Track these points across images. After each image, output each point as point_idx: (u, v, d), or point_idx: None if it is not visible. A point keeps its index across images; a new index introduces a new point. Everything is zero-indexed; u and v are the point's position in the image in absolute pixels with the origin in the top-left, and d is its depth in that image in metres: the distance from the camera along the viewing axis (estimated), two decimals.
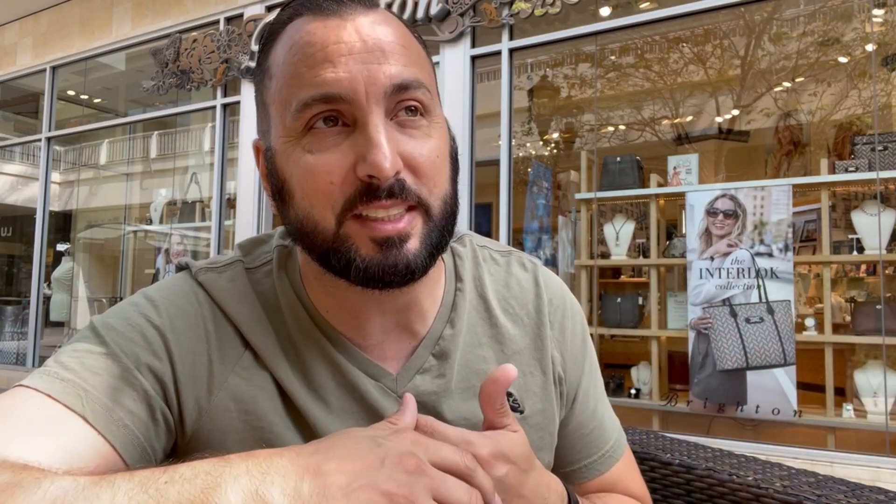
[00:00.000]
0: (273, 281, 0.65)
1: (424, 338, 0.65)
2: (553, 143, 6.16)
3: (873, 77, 3.99)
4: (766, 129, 5.47)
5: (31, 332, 6.46)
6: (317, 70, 0.54)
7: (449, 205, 0.59)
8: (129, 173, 7.66)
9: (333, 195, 0.55)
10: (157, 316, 0.61)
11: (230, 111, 5.40)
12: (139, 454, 0.56)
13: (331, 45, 0.55)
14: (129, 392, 0.57)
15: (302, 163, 0.56)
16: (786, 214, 3.38)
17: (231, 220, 5.38)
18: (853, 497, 0.81)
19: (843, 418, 3.37)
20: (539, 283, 0.73)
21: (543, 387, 0.69)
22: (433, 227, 0.58)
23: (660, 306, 4.00)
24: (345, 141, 0.55)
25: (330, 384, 0.62)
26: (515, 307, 0.71)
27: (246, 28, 5.12)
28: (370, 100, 0.54)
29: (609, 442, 0.76)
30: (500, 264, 0.74)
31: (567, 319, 0.74)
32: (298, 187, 0.56)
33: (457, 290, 0.69)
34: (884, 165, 3.39)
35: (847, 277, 4.46)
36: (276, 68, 0.58)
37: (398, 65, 0.56)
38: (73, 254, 7.52)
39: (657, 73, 5.71)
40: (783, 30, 4.92)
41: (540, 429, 0.68)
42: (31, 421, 0.52)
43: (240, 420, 0.60)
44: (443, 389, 0.64)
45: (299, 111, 0.55)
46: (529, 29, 4.12)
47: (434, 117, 0.59)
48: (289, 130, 0.56)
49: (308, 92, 0.54)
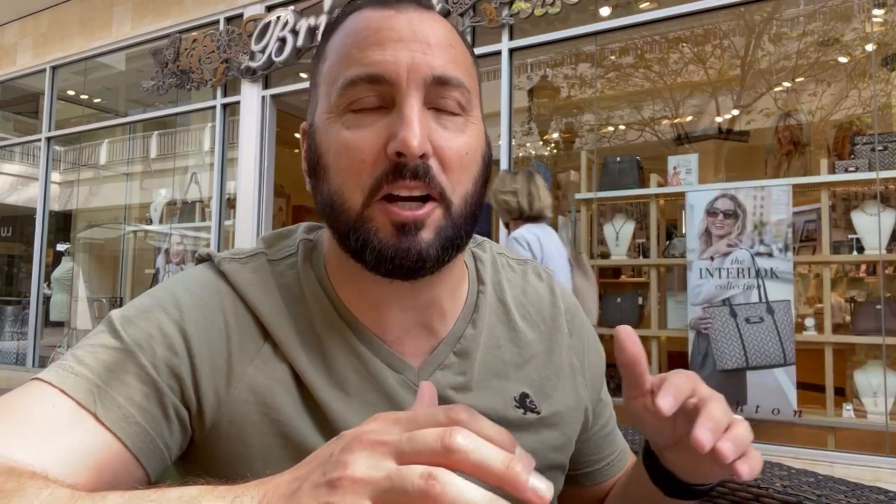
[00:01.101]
0: (297, 273, 0.65)
1: (446, 336, 0.66)
2: (553, 143, 6.16)
3: (873, 77, 3.99)
4: (766, 129, 5.47)
5: (31, 332, 6.46)
6: (366, 52, 0.58)
7: (470, 205, 0.60)
8: (129, 173, 7.65)
9: (363, 174, 0.57)
10: (177, 310, 0.61)
11: (230, 111, 5.40)
12: (151, 452, 0.56)
13: (383, 31, 0.58)
14: (142, 389, 0.56)
15: (339, 138, 0.58)
16: (786, 214, 3.38)
17: (231, 220, 5.39)
18: (853, 497, 0.81)
19: (843, 418, 3.37)
20: (555, 293, 0.75)
21: (559, 390, 0.70)
22: (450, 223, 0.58)
23: (660, 306, 4.01)
24: (381, 120, 0.57)
25: (351, 375, 0.62)
26: (532, 313, 0.72)
27: (246, 28, 5.12)
28: (410, 84, 0.57)
29: (623, 443, 0.82)
30: (516, 272, 0.76)
31: (584, 329, 0.76)
32: (334, 162, 0.58)
33: (479, 292, 0.70)
34: (884, 165, 3.39)
35: (847, 277, 4.46)
36: (330, 51, 0.62)
37: (442, 60, 0.58)
38: (73, 254, 7.52)
39: (657, 73, 5.71)
40: (783, 30, 4.92)
41: (556, 429, 0.69)
42: (47, 420, 0.52)
43: (258, 412, 0.60)
44: (462, 387, 0.65)
45: (344, 88, 0.58)
46: (529, 29, 4.12)
47: (471, 116, 0.61)
48: (332, 107, 0.59)
49: (355, 70, 0.57)
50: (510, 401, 0.66)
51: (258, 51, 4.99)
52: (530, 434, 0.66)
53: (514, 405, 0.66)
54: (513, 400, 0.66)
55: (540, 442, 0.66)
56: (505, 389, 0.66)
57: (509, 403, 0.66)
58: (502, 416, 0.64)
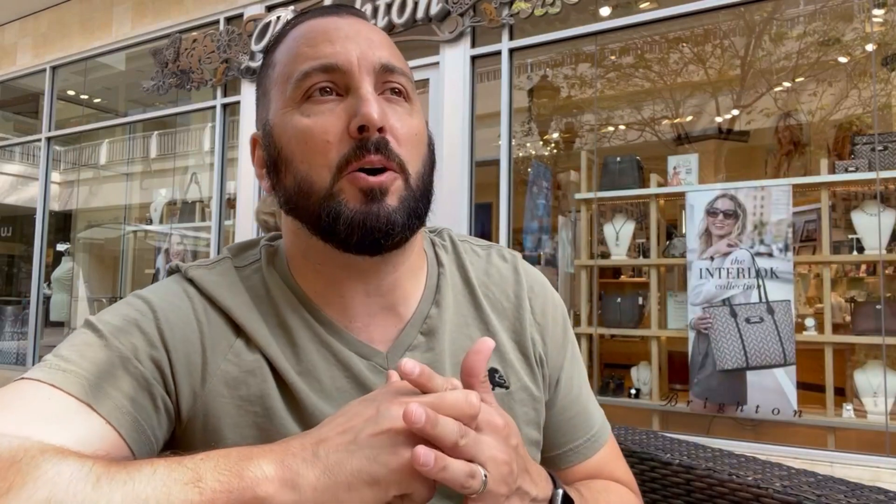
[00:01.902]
0: (262, 276, 0.69)
1: (411, 318, 0.68)
2: (553, 143, 6.16)
3: (873, 77, 3.98)
4: (766, 129, 5.47)
5: (31, 332, 6.46)
6: (317, 48, 0.63)
7: (424, 183, 0.65)
8: (129, 173, 7.65)
9: (330, 154, 0.61)
10: (151, 311, 0.63)
11: (230, 111, 5.39)
12: (143, 442, 0.57)
13: (331, 31, 0.65)
14: (129, 381, 0.58)
15: (301, 125, 0.62)
16: (786, 214, 3.38)
17: (231, 220, 5.38)
18: (853, 497, 0.81)
19: (843, 418, 3.37)
20: (518, 272, 0.77)
21: (525, 366, 0.72)
22: (410, 194, 0.63)
23: (660, 306, 4.00)
24: (339, 106, 0.62)
25: (322, 364, 0.64)
26: (496, 292, 0.75)
27: (246, 28, 5.12)
28: (362, 71, 0.63)
29: (594, 428, 0.78)
30: (480, 256, 0.78)
31: (548, 306, 0.77)
32: (298, 150, 0.62)
33: (439, 274, 0.73)
34: (884, 165, 3.39)
35: (847, 277, 4.46)
36: (279, 56, 0.67)
37: (386, 52, 0.65)
38: (73, 254, 7.52)
39: (657, 73, 5.70)
40: (783, 30, 4.92)
41: (525, 404, 0.71)
42: (45, 411, 0.53)
43: (233, 405, 0.62)
44: (433, 366, 0.64)
45: (300, 80, 0.62)
46: (529, 29, 4.12)
47: (415, 105, 0.66)
48: (288, 100, 0.63)
49: (309, 63, 0.63)
50: None
51: (258, 51, 4.98)
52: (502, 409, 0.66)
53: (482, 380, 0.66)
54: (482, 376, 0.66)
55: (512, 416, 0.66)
56: None
57: None
58: None
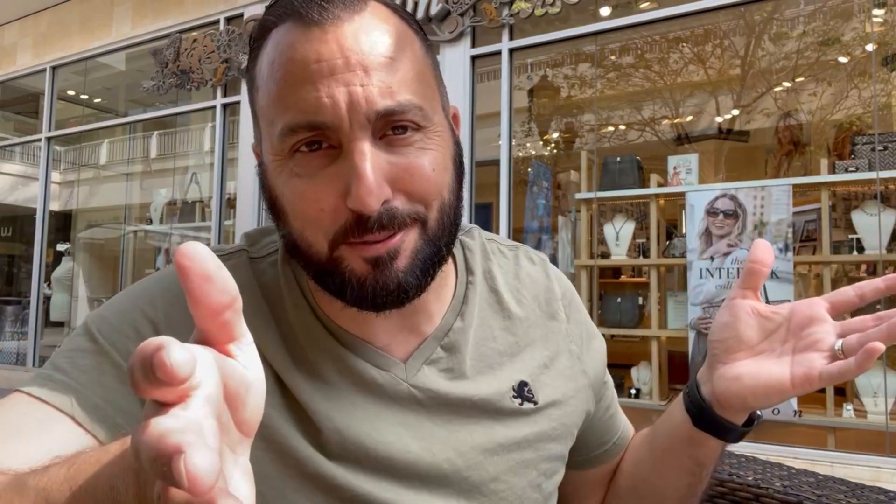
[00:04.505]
0: (277, 272, 0.64)
1: (433, 331, 0.65)
2: (553, 143, 6.16)
3: (873, 77, 3.99)
4: (766, 129, 5.47)
5: (31, 332, 6.46)
6: (299, 93, 0.53)
7: (448, 214, 0.58)
8: (129, 173, 7.66)
9: (325, 223, 0.54)
10: (153, 308, 0.60)
11: (230, 111, 5.39)
12: None
13: (312, 65, 0.53)
14: (119, 389, 0.56)
15: (290, 185, 0.55)
16: (786, 214, 3.38)
17: (231, 220, 5.39)
18: (853, 497, 0.82)
19: (843, 418, 3.37)
20: (550, 277, 0.74)
21: (557, 378, 0.69)
22: (427, 241, 0.56)
23: (660, 306, 4.00)
24: (331, 165, 0.54)
25: (334, 376, 0.60)
26: (528, 297, 0.71)
27: (246, 28, 5.12)
28: (353, 125, 0.52)
29: (624, 418, 0.81)
30: (508, 258, 0.74)
31: (581, 313, 0.76)
32: (290, 208, 0.56)
33: (468, 283, 0.68)
34: (884, 165, 3.39)
35: (847, 277, 4.46)
36: (260, 80, 0.57)
37: (384, 86, 0.53)
38: (73, 254, 7.52)
39: (657, 72, 5.71)
40: (783, 30, 4.92)
41: (552, 419, 0.67)
42: (14, 426, 0.53)
43: None
44: (454, 377, 0.64)
45: (284, 135, 0.54)
46: (529, 29, 4.12)
47: (430, 127, 0.56)
48: (276, 150, 0.55)
49: (292, 117, 0.53)
50: (508, 391, 0.64)
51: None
52: (527, 424, 0.64)
53: (511, 395, 0.64)
54: (511, 390, 0.64)
55: (537, 432, 0.65)
56: (502, 379, 0.65)
57: (507, 393, 0.64)
58: (497, 406, 0.63)
